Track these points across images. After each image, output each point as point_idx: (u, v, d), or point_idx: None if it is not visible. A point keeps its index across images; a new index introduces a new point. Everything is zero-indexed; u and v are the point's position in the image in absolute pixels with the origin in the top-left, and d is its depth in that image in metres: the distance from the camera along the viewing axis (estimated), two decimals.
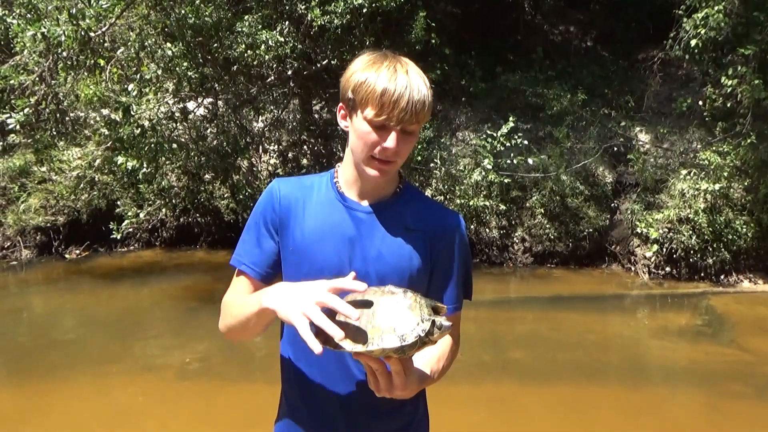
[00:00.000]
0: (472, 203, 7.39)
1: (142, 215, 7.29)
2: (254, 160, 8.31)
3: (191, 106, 7.28)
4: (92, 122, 6.71)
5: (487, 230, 7.70)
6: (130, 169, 5.95)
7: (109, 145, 6.21)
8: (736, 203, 7.09)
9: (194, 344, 5.24)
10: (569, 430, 3.90)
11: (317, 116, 8.81)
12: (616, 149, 8.05)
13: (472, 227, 7.53)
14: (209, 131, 7.47)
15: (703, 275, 6.97)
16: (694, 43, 7.00)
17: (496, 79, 8.92)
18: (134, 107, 5.93)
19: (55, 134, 6.73)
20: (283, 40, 6.91)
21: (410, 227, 1.37)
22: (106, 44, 6.51)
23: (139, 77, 6.35)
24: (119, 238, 7.16)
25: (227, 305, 1.39)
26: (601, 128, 8.07)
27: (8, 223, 8.05)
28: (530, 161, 7.58)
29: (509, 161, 7.56)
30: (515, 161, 7.55)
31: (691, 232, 6.91)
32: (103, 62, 6.27)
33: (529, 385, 4.49)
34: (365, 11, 6.98)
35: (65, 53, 5.91)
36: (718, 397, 4.36)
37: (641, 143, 8.10)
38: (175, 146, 6.68)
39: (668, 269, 7.14)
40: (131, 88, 6.12)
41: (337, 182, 1.41)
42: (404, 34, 7.64)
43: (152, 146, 6.12)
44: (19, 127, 5.83)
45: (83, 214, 8.12)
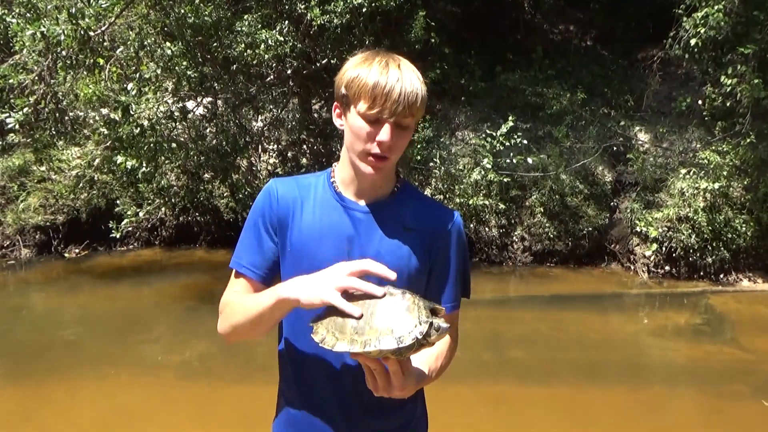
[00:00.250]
0: (471, 202, 7.39)
1: (141, 214, 7.27)
2: (253, 159, 8.30)
3: (190, 105, 7.27)
4: (91, 121, 6.69)
5: (486, 229, 7.70)
6: (129, 168, 5.95)
7: (108, 144, 6.20)
8: (735, 202, 7.10)
9: (194, 343, 5.25)
10: (568, 428, 3.90)
11: (317, 115, 8.80)
12: (615, 148, 8.05)
13: (471, 226, 7.53)
14: (208, 130, 7.46)
15: (702, 274, 6.98)
16: (693, 42, 7.00)
17: (495, 78, 8.92)
18: (133, 106, 5.92)
19: (54, 133, 6.71)
20: (282, 39, 6.90)
21: (408, 226, 1.37)
22: (105, 43, 6.49)
23: (138, 76, 6.34)
24: (119, 237, 7.14)
25: (230, 305, 1.37)
26: (600, 127, 8.07)
27: (7, 222, 8.03)
28: (530, 160, 7.58)
29: (509, 160, 7.57)
30: (515, 160, 7.55)
31: (690, 231, 6.91)
32: (102, 61, 6.25)
33: (528, 384, 4.49)
34: (365, 10, 6.97)
35: (64, 52, 5.90)
36: (717, 395, 4.37)
37: (641, 142, 8.10)
38: (174, 145, 6.66)
39: (668, 268, 7.14)
40: (130, 87, 6.11)
41: (333, 182, 1.40)
42: (404, 33, 7.63)
43: (151, 145, 6.11)
44: (18, 126, 5.81)
45: (83, 213, 8.11)
